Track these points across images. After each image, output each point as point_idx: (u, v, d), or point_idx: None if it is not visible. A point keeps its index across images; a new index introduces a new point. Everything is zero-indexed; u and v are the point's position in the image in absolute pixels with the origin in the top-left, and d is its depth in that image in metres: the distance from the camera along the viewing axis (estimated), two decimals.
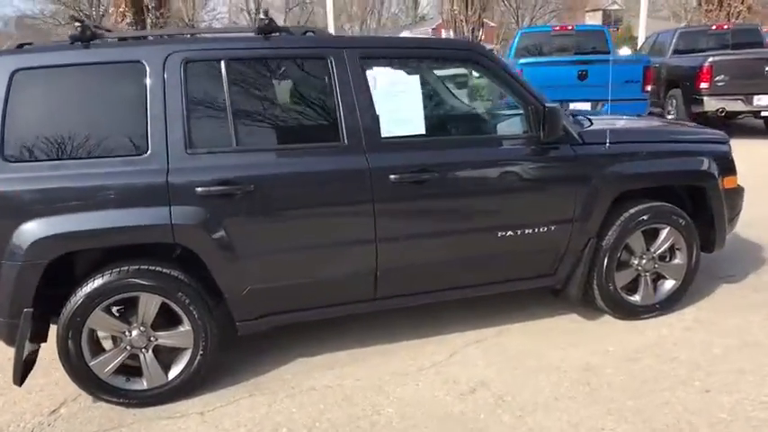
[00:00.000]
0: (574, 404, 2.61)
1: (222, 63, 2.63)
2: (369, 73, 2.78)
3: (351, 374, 2.94)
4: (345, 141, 2.72)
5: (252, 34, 2.79)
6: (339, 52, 2.76)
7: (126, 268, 2.58)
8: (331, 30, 14.87)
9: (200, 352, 2.73)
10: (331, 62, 2.73)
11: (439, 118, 2.96)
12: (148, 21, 11.61)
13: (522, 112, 3.00)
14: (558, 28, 9.71)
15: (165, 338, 2.71)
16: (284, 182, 2.67)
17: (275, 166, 2.66)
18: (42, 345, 2.74)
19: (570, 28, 9.68)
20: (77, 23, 2.60)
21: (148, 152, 2.53)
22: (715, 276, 3.91)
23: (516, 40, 9.63)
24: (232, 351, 3.14)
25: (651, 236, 3.28)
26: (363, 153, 2.73)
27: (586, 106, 7.91)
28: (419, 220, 2.88)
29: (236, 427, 2.57)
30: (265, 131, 2.71)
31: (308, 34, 2.88)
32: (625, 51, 12.84)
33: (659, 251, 3.31)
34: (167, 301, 2.64)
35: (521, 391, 2.72)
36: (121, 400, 2.71)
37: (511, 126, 2.98)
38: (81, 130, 2.52)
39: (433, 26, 43.35)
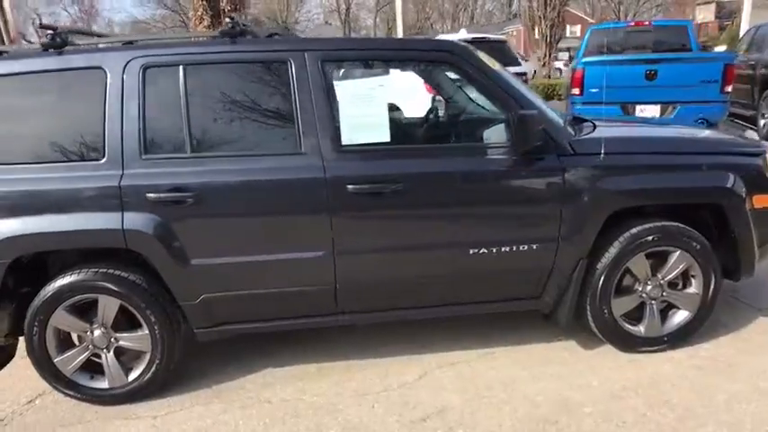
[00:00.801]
0: None
1: (180, 68, 2.62)
2: (331, 77, 2.67)
3: (312, 389, 2.84)
4: (302, 149, 2.63)
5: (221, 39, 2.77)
6: (299, 55, 2.66)
7: (86, 270, 2.64)
8: (399, 30, 14.75)
9: (158, 356, 2.75)
10: (291, 66, 2.64)
11: (407, 125, 2.77)
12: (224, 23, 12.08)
13: (503, 118, 2.74)
14: (633, 24, 8.98)
15: (125, 340, 2.75)
16: (236, 190, 2.62)
17: (228, 174, 2.61)
18: None
19: (647, 24, 8.92)
20: (50, 31, 2.69)
21: (105, 158, 2.57)
22: (753, 308, 3.41)
23: (586, 37, 9.03)
24: (204, 357, 3.16)
25: (659, 259, 2.90)
26: (321, 161, 2.62)
27: (655, 109, 7.24)
28: (380, 234, 2.71)
29: (223, 408, 2.59)
30: (221, 138, 2.66)
31: (274, 37, 2.80)
32: (722, 49, 11.73)
33: (668, 277, 2.92)
34: (125, 304, 2.67)
35: (477, 424, 2.50)
36: (84, 397, 2.79)
37: (490, 134, 2.73)
38: (45, 135, 2.61)
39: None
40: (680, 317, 2.98)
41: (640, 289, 2.93)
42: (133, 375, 2.78)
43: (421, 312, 2.94)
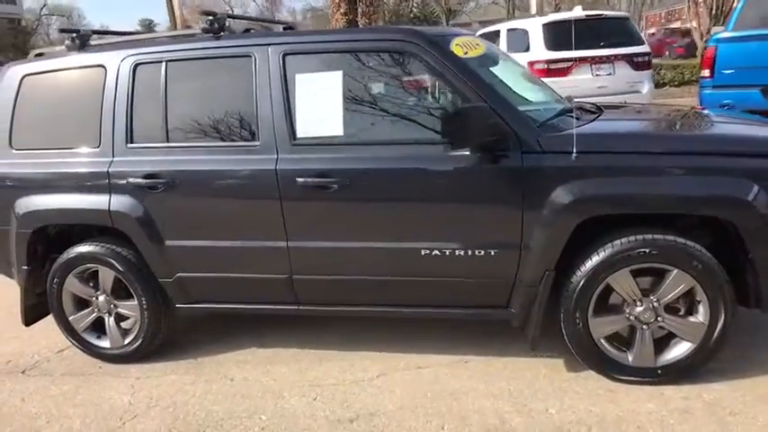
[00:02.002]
0: None
1: (162, 65, 2.84)
2: (291, 70, 2.69)
3: (275, 373, 2.95)
4: (259, 141, 2.70)
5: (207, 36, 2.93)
6: (263, 50, 2.72)
7: (89, 244, 3.04)
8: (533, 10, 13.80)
9: (146, 326, 3.06)
10: (255, 60, 2.72)
11: (362, 119, 2.66)
12: (359, 10, 12.47)
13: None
14: None
15: (122, 308, 3.11)
16: (201, 178, 2.79)
17: (195, 163, 2.78)
18: None
19: None
20: (73, 34, 3.09)
21: (100, 146, 2.91)
22: None
23: (739, 6, 7.63)
24: (203, 331, 3.43)
25: (656, 278, 2.47)
26: (275, 154, 2.67)
27: None
28: (330, 228, 2.69)
29: (145, 397, 2.84)
30: (193, 129, 2.83)
31: (251, 31, 2.90)
32: None
33: (664, 300, 2.47)
34: (118, 275, 3.02)
35: None
36: (91, 353, 3.21)
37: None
38: (60, 126, 3.03)
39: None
40: (680, 349, 2.51)
41: (628, 311, 2.52)
42: (127, 339, 3.13)
43: (381, 311, 2.86)
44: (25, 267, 3.13)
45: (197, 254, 2.87)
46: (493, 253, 2.54)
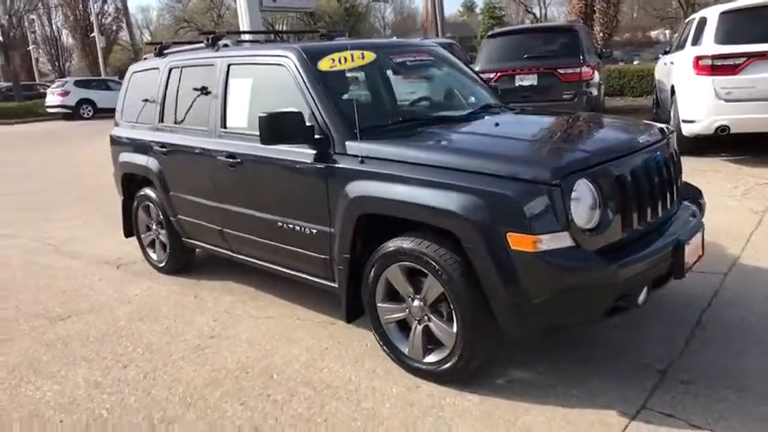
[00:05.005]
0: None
1: (178, 70, 4.06)
2: (230, 78, 3.60)
3: (222, 306, 3.85)
4: (208, 127, 3.71)
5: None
6: (221, 61, 3.68)
7: (146, 187, 4.50)
8: None
9: (170, 249, 4.42)
10: (215, 69, 3.71)
11: (252, 116, 3.33)
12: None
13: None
14: None
15: (161, 235, 4.52)
16: (180, 149, 3.95)
17: (178, 138, 3.96)
18: None
19: None
20: (156, 46, 4.54)
21: (156, 123, 4.28)
22: (637, 362, 2.56)
23: None
24: (224, 267, 4.53)
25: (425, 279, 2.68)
26: (214, 138, 3.66)
27: None
28: (234, 194, 3.59)
29: (164, 290, 4.19)
30: (184, 115, 3.99)
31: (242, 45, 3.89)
32: None
33: (428, 301, 2.66)
34: (155, 211, 4.44)
35: (207, 361, 3.14)
36: (149, 263, 4.74)
37: None
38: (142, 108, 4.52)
39: None
40: (442, 352, 2.67)
41: (406, 304, 2.78)
42: (164, 259, 4.53)
43: (266, 266, 3.61)
44: (122, 198, 4.80)
45: (179, 202, 4.08)
46: (315, 232, 3.08)
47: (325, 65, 3.15)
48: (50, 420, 2.63)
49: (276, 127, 2.90)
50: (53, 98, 24.12)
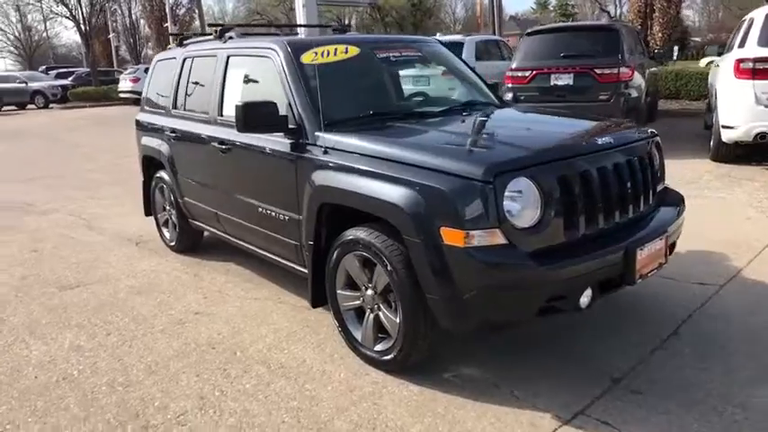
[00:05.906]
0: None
1: (190, 60, 4.28)
2: (228, 68, 3.77)
3: (217, 284, 4.10)
4: (208, 115, 3.90)
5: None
6: (223, 52, 3.85)
7: (162, 170, 4.77)
8: None
9: (179, 232, 4.67)
10: (217, 60, 3.89)
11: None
12: None
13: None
14: None
15: (172, 216, 4.78)
16: (186, 135, 4.16)
17: (185, 125, 4.17)
18: None
19: None
20: (177, 39, 4.78)
21: (169, 108, 4.53)
22: (595, 369, 2.53)
23: None
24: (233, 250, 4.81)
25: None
26: (214, 125, 3.84)
27: None
28: (226, 179, 3.75)
29: (170, 268, 4.45)
30: (191, 102, 4.20)
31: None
32: None
33: (378, 290, 2.72)
34: (167, 192, 4.70)
35: (183, 332, 3.37)
36: (163, 242, 5.02)
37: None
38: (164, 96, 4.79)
39: None
40: (387, 341, 2.73)
41: (361, 293, 2.85)
42: (175, 239, 4.80)
43: (252, 250, 3.78)
44: (142, 179, 5.10)
45: (185, 184, 4.30)
46: (287, 219, 3.20)
47: (307, 58, 3.25)
48: (26, 375, 2.89)
49: (251, 116, 3.02)
50: (125, 84, 25.47)
